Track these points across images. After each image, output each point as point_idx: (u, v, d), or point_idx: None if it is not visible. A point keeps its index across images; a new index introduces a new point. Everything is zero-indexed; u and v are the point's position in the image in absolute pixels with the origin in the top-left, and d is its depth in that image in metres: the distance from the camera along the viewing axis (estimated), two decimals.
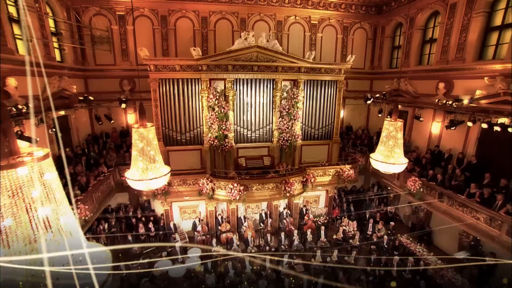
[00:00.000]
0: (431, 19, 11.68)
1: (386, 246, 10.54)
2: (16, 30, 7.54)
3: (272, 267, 9.01)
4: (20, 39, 7.40)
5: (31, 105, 6.28)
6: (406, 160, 6.41)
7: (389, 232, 10.92)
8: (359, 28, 14.25)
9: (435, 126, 11.12)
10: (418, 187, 9.52)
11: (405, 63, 12.68)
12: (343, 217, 12.04)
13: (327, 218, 12.23)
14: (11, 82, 6.86)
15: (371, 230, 11.37)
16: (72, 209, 2.13)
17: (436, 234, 10.93)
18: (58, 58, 10.42)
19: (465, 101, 9.09)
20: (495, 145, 8.93)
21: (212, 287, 8.84)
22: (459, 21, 9.99)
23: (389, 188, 12.08)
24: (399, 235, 10.68)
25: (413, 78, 12.23)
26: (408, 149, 12.21)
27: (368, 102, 12.31)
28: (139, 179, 5.26)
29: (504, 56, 8.67)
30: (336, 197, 13.23)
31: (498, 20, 9.17)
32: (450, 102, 8.92)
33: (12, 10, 7.39)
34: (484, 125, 8.06)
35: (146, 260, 9.33)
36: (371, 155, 6.46)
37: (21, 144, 1.96)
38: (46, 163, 1.94)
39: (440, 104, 9.51)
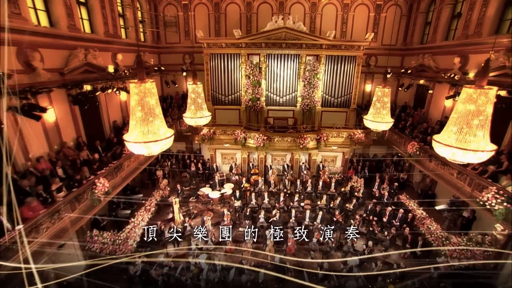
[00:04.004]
0: None
1: (385, 201, 12.38)
2: (121, 22, 11.48)
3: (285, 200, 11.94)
4: (123, 27, 11.25)
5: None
6: (392, 120, 8.24)
7: (392, 191, 12.65)
8: (393, 5, 14.87)
9: (448, 100, 11.90)
10: (415, 150, 10.98)
11: (432, 39, 13.24)
12: (353, 176, 14.05)
13: (342, 176, 14.36)
14: (119, 57, 10.81)
15: (376, 187, 13.20)
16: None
17: (437, 198, 12.20)
18: (142, 39, 14.45)
19: (471, 75, 9.95)
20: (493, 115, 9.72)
21: (237, 210, 12.24)
22: None
23: (399, 154, 13.48)
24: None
25: (437, 54, 12.84)
26: (424, 121, 13.23)
27: (388, 76, 13.44)
28: (191, 117, 8.61)
29: None
30: (354, 161, 15.12)
31: None
32: (452, 75, 9.92)
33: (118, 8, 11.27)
34: None
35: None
36: (364, 116, 8.41)
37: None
38: (153, 84, 5.08)
39: (445, 77, 10.48)
